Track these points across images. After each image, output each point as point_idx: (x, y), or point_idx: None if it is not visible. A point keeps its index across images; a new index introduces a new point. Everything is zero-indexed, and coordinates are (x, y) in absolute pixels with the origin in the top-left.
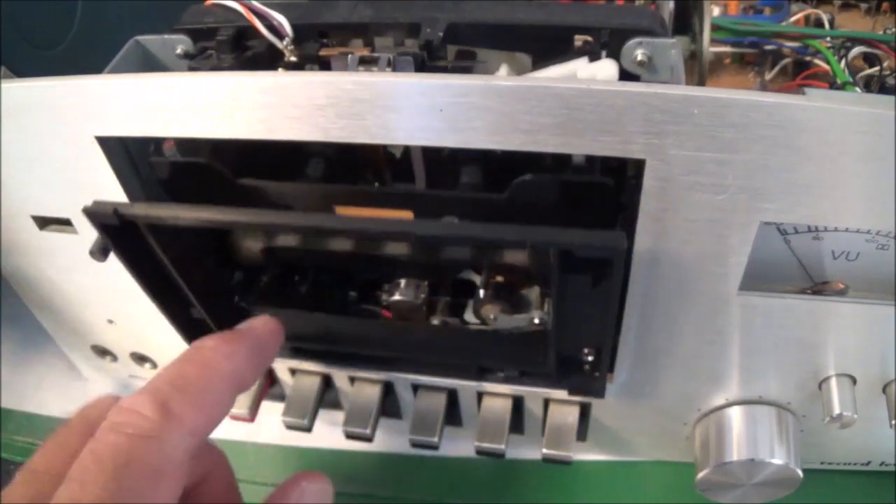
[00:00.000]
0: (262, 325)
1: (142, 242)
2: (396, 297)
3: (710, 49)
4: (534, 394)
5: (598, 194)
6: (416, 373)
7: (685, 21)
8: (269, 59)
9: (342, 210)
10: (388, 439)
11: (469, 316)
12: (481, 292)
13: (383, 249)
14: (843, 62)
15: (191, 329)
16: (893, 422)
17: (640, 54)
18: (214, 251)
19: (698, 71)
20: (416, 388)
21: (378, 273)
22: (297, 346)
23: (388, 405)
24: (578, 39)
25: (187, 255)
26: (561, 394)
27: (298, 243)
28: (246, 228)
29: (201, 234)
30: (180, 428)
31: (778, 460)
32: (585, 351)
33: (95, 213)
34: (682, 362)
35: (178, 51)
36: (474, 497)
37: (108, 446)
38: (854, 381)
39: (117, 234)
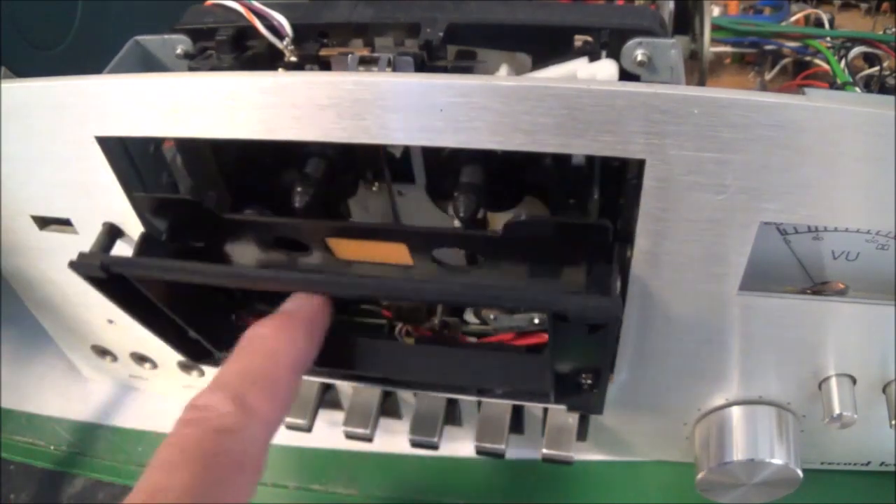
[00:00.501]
0: (308, 302)
1: (131, 286)
2: None
3: (710, 49)
4: None
5: (595, 234)
6: (415, 388)
7: (685, 21)
8: (269, 59)
9: (334, 243)
10: (388, 439)
11: (469, 316)
12: None
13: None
14: (843, 62)
15: (190, 349)
16: (893, 422)
17: (640, 54)
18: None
19: (698, 71)
20: None
21: None
22: None
23: (388, 405)
24: (578, 39)
25: (178, 291)
26: None
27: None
28: (238, 286)
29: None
30: (258, 420)
31: (778, 460)
32: (584, 376)
33: (82, 267)
34: (682, 362)
35: (178, 51)
36: (474, 497)
37: (190, 438)
38: (854, 381)
39: (106, 282)
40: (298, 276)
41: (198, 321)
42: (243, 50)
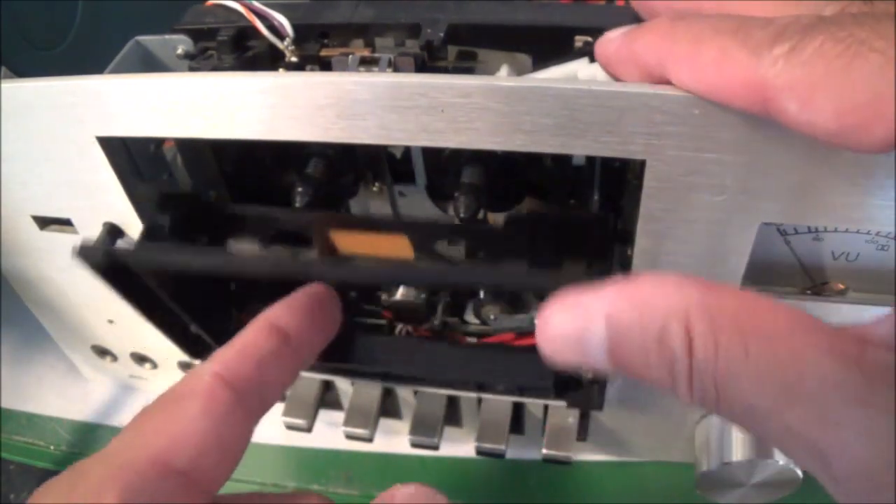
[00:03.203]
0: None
1: (134, 277)
2: (397, 297)
3: None
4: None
5: (595, 227)
6: (415, 385)
7: None
8: (269, 60)
9: (335, 237)
10: (388, 439)
11: (469, 316)
12: (481, 293)
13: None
14: None
15: (191, 344)
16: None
17: None
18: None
19: None
20: (416, 388)
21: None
22: None
23: (388, 405)
24: (579, 40)
25: (182, 285)
26: None
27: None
28: (242, 275)
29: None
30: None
31: (778, 460)
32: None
33: (86, 255)
34: None
35: (179, 51)
36: (474, 497)
37: None
38: None
39: (109, 272)
40: (297, 265)
41: (200, 315)
42: (244, 50)
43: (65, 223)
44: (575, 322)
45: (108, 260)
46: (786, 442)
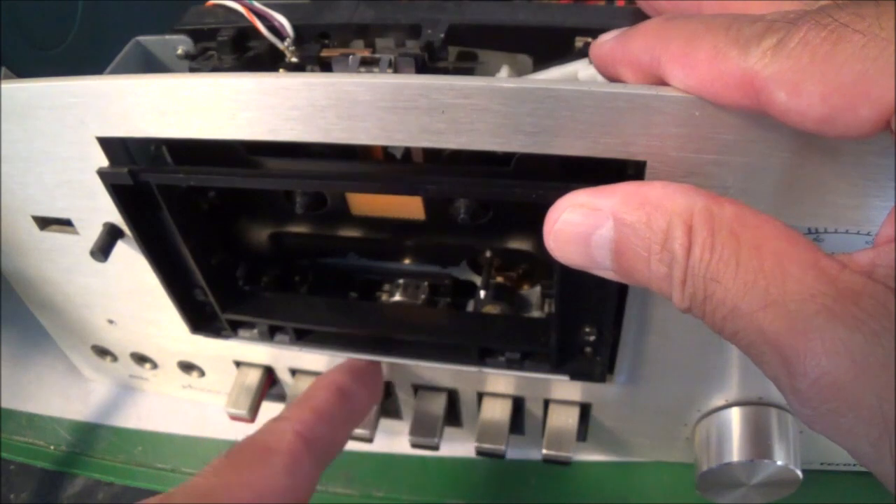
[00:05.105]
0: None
1: (154, 214)
2: (396, 297)
3: None
4: (534, 392)
5: (602, 168)
6: (417, 356)
7: None
8: (269, 60)
9: (350, 195)
10: (388, 439)
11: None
12: (482, 293)
13: (389, 234)
14: None
15: (193, 313)
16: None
17: None
18: (222, 236)
19: None
20: (416, 388)
21: (380, 273)
22: (301, 329)
23: (388, 405)
24: (579, 41)
25: (197, 232)
26: (561, 394)
27: (304, 228)
28: (252, 186)
29: (211, 214)
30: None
31: (778, 461)
32: (587, 330)
33: (110, 175)
34: (681, 363)
35: (179, 51)
36: (474, 497)
37: None
38: None
39: (130, 198)
40: (324, 175)
41: (208, 275)
42: (244, 51)
43: (65, 223)
44: (583, 220)
45: (133, 179)
46: (756, 346)
